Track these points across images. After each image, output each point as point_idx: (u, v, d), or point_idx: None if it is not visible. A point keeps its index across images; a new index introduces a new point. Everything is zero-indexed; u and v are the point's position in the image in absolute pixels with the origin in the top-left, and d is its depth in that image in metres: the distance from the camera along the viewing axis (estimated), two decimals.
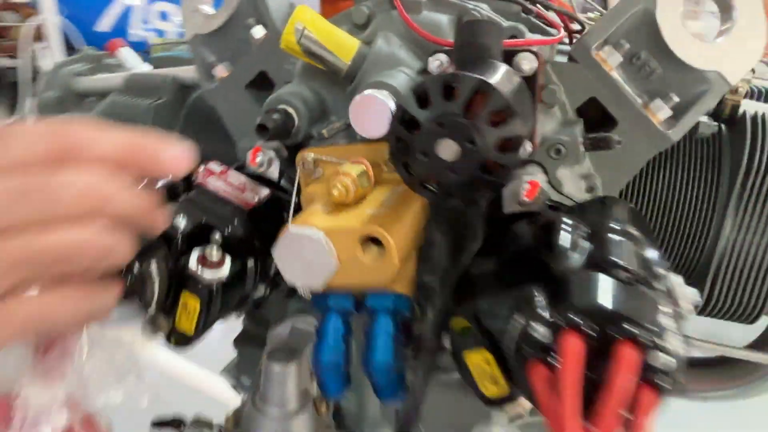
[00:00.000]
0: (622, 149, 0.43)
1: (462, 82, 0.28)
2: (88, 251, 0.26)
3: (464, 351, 0.32)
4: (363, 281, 0.33)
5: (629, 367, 0.26)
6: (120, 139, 0.28)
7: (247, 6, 0.51)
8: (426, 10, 0.43)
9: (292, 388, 0.44)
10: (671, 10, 0.42)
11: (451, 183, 0.30)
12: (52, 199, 0.25)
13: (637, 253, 0.31)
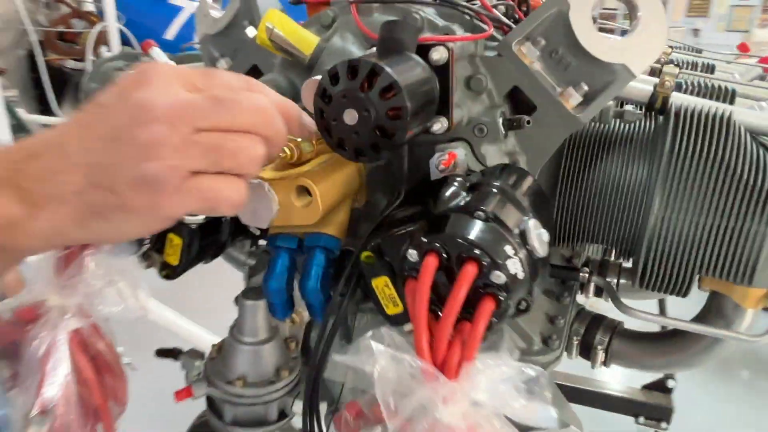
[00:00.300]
0: (541, 129, 0.51)
1: (360, 65, 0.38)
2: (248, 155, 0.36)
3: (371, 278, 0.41)
4: (297, 222, 0.43)
5: (469, 279, 0.34)
6: (283, 98, 0.39)
7: (243, 11, 0.61)
8: (377, 12, 0.53)
9: (261, 321, 0.54)
10: (582, 11, 0.49)
11: (357, 144, 0.39)
12: (239, 109, 0.35)
13: (503, 202, 0.39)
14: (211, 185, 0.35)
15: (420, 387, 0.33)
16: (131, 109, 0.34)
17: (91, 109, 0.36)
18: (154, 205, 0.34)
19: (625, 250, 0.62)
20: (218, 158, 0.35)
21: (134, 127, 0.34)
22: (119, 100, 0.35)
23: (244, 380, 0.53)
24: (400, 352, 0.33)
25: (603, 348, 0.71)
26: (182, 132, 0.34)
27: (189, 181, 0.34)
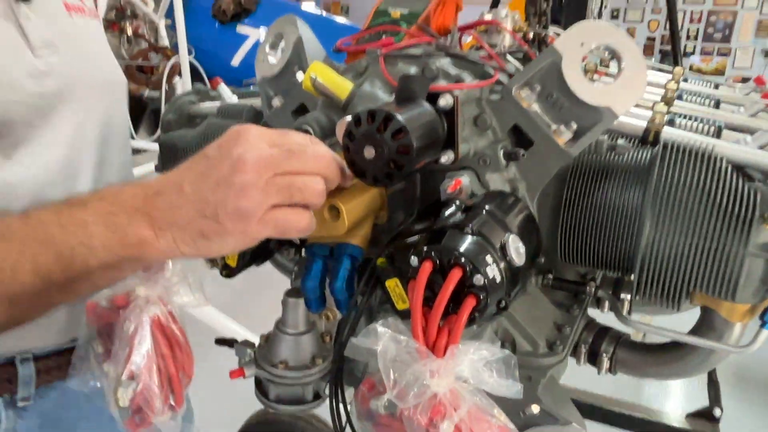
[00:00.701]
0: (537, 160, 0.60)
1: (377, 112, 0.49)
2: (312, 190, 0.48)
3: (384, 279, 0.52)
4: (328, 234, 0.54)
5: (454, 280, 0.44)
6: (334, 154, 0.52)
7: (294, 59, 0.74)
8: (401, 63, 0.64)
9: (301, 316, 0.65)
10: (572, 62, 0.59)
11: (374, 173, 0.50)
12: (305, 157, 0.48)
13: (489, 222, 0.49)
14: (285, 216, 0.48)
15: (414, 362, 0.43)
16: (231, 161, 0.46)
17: (200, 159, 0.49)
18: (244, 230, 0.48)
19: (622, 268, 0.69)
20: (290, 194, 0.47)
21: (233, 174, 0.46)
22: (220, 153, 0.48)
23: (286, 364, 0.65)
24: (399, 335, 0.43)
25: (608, 356, 0.78)
26: (265, 177, 0.46)
27: (270, 213, 0.47)
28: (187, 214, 0.48)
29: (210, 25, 4.33)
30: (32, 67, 0.64)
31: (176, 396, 0.57)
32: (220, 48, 4.31)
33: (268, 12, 4.49)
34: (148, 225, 0.49)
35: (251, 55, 4.37)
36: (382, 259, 0.51)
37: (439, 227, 0.48)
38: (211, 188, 0.47)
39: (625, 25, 6.93)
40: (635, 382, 1.97)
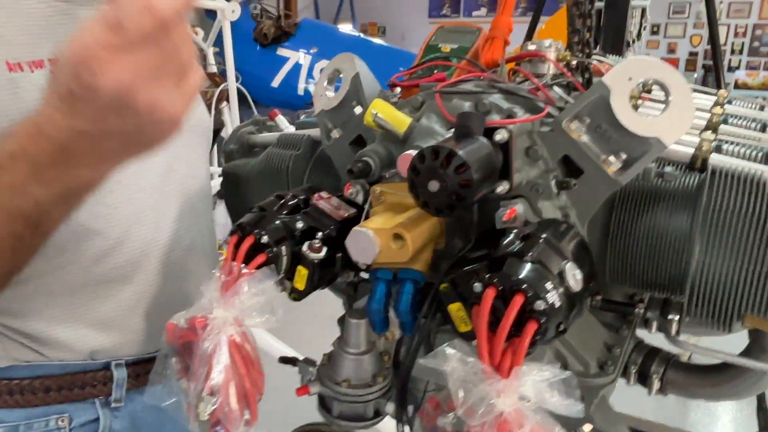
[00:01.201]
0: (587, 189, 0.63)
1: (441, 150, 0.53)
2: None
3: (447, 304, 0.55)
4: (393, 260, 0.58)
5: (517, 306, 0.48)
6: None
7: (352, 93, 0.79)
8: (456, 99, 0.68)
9: (362, 336, 0.69)
10: (620, 95, 0.62)
11: (437, 205, 0.54)
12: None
13: (546, 249, 0.52)
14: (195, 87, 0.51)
15: (481, 382, 0.47)
16: (113, 94, 0.45)
17: (74, 102, 0.47)
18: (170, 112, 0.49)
19: (672, 290, 0.71)
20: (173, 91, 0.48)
21: (130, 103, 0.46)
22: (91, 92, 0.45)
23: (349, 382, 0.68)
24: (466, 356, 0.47)
25: (659, 377, 0.79)
26: (153, 85, 0.46)
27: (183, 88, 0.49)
28: (113, 144, 0.50)
29: (251, 48, 4.54)
30: None
31: (251, 411, 0.62)
32: (261, 70, 4.50)
33: (307, 34, 4.67)
34: (80, 167, 0.51)
35: (291, 76, 4.55)
36: (445, 285, 0.55)
37: (499, 255, 0.52)
38: (116, 119, 0.47)
39: (666, 41, 6.84)
40: (681, 407, 1.94)
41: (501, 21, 0.79)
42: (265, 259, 0.63)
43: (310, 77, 4.60)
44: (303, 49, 4.67)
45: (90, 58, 0.44)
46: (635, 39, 1.16)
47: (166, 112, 0.48)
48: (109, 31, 0.44)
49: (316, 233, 0.66)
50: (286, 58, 4.67)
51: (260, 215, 0.66)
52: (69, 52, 0.45)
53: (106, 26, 0.44)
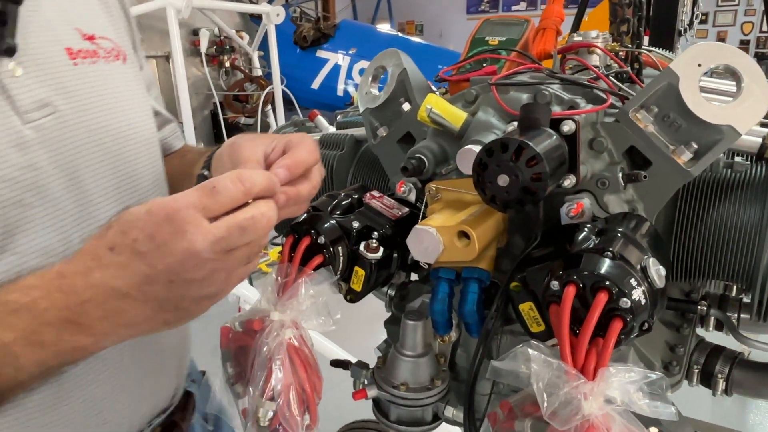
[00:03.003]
0: (656, 181, 0.61)
1: (511, 142, 0.50)
2: (263, 244, 0.49)
3: (518, 303, 0.53)
4: (457, 259, 0.56)
5: (602, 304, 0.45)
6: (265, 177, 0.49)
7: (399, 90, 0.77)
8: (512, 91, 0.65)
9: (419, 338, 0.67)
10: (690, 82, 0.59)
11: (506, 200, 0.52)
12: (259, 229, 0.47)
13: (626, 244, 0.49)
14: (246, 272, 0.49)
15: (565, 385, 0.44)
16: (178, 257, 0.43)
17: (131, 257, 0.44)
18: (212, 303, 0.48)
19: (741, 283, 0.68)
20: (249, 258, 0.49)
21: (188, 271, 0.44)
22: (159, 249, 0.43)
23: (407, 386, 0.66)
24: (549, 358, 0.45)
25: (723, 377, 0.76)
26: (224, 261, 0.45)
27: (233, 277, 0.48)
28: (139, 316, 0.46)
29: (291, 51, 4.61)
30: (17, 136, 0.53)
31: (311, 415, 0.60)
32: (301, 72, 4.58)
33: (346, 36, 4.73)
34: (83, 334, 0.46)
35: (330, 77, 4.62)
36: (515, 283, 0.53)
37: (576, 251, 0.49)
38: (164, 288, 0.45)
39: (716, 30, 6.66)
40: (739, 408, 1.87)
41: (552, 11, 0.77)
42: (322, 260, 0.62)
43: (349, 78, 4.64)
44: (342, 50, 4.74)
45: (179, 215, 0.44)
46: (686, 28, 1.13)
47: (217, 289, 0.47)
48: (204, 193, 0.45)
49: (372, 233, 0.64)
50: (325, 59, 4.73)
51: (314, 216, 0.64)
52: (154, 207, 0.44)
53: (201, 189, 0.45)
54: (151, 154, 0.71)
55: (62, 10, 0.63)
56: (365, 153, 0.90)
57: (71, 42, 0.62)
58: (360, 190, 0.72)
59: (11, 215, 0.53)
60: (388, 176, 0.80)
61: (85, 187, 0.60)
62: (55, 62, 0.59)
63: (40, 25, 0.58)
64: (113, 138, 0.64)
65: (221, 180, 0.46)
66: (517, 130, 0.57)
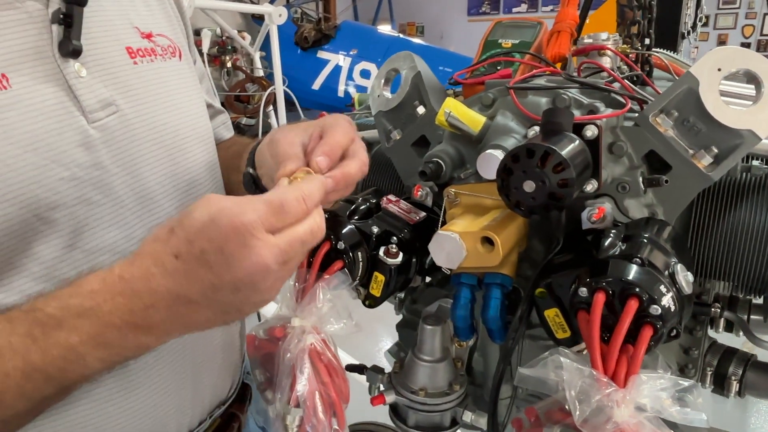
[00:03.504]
0: (676, 185, 0.61)
1: (537, 148, 0.50)
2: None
3: (544, 310, 0.53)
4: (480, 265, 0.56)
5: (632, 311, 0.45)
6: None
7: (413, 93, 0.77)
8: (531, 95, 0.65)
9: (438, 343, 0.67)
10: (710, 86, 0.59)
11: (532, 205, 0.52)
12: (315, 240, 0.49)
13: (653, 250, 0.49)
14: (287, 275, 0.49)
15: (597, 392, 0.44)
16: (248, 271, 0.44)
17: (198, 267, 0.45)
18: (263, 305, 0.49)
19: (756, 288, 0.68)
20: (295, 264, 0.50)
21: (254, 282, 0.45)
22: (227, 262, 0.44)
23: (426, 391, 0.66)
24: (581, 366, 0.45)
25: (737, 379, 0.76)
26: (283, 268, 0.46)
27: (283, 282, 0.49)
28: (202, 318, 0.48)
29: (292, 52, 4.60)
30: (83, 135, 0.56)
31: (339, 419, 0.60)
32: (301, 73, 4.58)
33: (347, 37, 4.74)
34: (147, 334, 0.47)
35: (331, 78, 4.62)
36: (541, 290, 0.53)
37: (603, 257, 0.49)
38: (229, 295, 0.46)
39: (716, 32, 6.65)
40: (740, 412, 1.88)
41: (566, 13, 0.77)
42: (342, 265, 0.61)
43: (350, 79, 4.64)
44: (343, 51, 4.74)
45: (247, 229, 0.44)
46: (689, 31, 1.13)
47: (274, 293, 0.48)
48: (271, 212, 0.46)
49: (391, 238, 0.64)
50: (326, 60, 4.74)
51: (333, 220, 0.63)
52: (220, 217, 0.44)
53: (269, 206, 0.46)
54: (207, 149, 0.73)
55: (122, 9, 0.65)
56: (376, 156, 0.89)
57: (131, 41, 0.64)
58: (376, 194, 0.71)
59: (79, 213, 0.55)
60: (400, 179, 0.80)
61: (146, 184, 0.62)
62: (116, 62, 0.61)
63: (101, 26, 0.61)
64: (172, 135, 0.66)
65: (288, 200, 0.47)
66: (539, 134, 0.57)
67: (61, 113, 0.55)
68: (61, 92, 0.55)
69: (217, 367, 0.76)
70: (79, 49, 0.56)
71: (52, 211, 0.54)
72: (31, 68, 0.54)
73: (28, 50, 0.54)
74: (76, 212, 0.56)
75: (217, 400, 0.77)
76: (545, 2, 7.79)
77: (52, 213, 0.54)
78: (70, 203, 0.55)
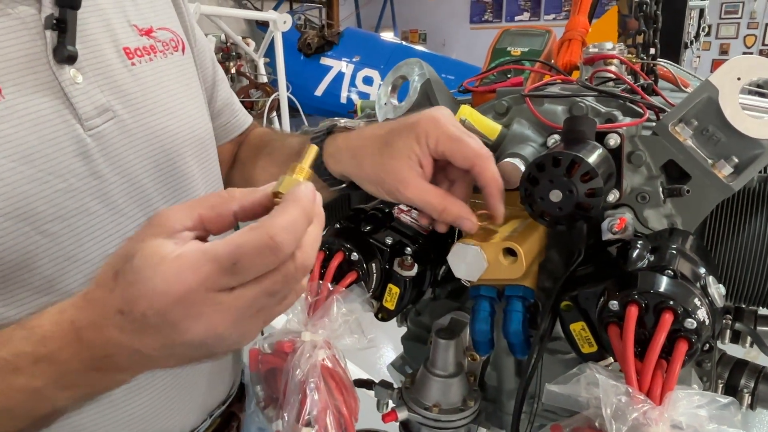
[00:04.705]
0: (696, 196, 0.60)
1: (564, 157, 0.49)
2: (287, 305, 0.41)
3: (569, 323, 0.51)
4: (502, 277, 0.54)
5: (667, 325, 0.44)
6: None
7: (422, 100, 0.75)
8: (547, 103, 0.64)
9: (451, 357, 0.65)
10: (730, 95, 0.58)
11: (559, 216, 0.50)
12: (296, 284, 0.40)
13: (684, 262, 0.48)
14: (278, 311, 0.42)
15: (632, 410, 0.43)
16: (200, 337, 0.38)
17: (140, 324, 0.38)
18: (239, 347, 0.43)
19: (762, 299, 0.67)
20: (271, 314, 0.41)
21: (217, 344, 0.39)
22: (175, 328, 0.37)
23: (439, 407, 0.64)
24: (617, 382, 0.43)
25: (749, 392, 0.75)
26: (253, 320, 0.39)
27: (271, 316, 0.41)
28: (170, 364, 0.42)
29: (296, 58, 4.62)
30: (80, 144, 0.54)
31: None
32: (304, 79, 4.60)
33: (350, 43, 4.77)
34: (117, 373, 0.42)
35: (334, 85, 4.65)
36: (566, 303, 0.51)
37: (632, 270, 0.48)
38: (190, 351, 0.40)
39: (718, 42, 6.69)
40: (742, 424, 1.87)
41: (577, 22, 0.76)
42: (356, 277, 0.59)
43: (353, 86, 4.65)
44: (345, 57, 4.78)
45: (189, 296, 0.36)
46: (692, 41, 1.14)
47: (253, 335, 0.41)
48: (220, 273, 0.36)
49: (405, 249, 0.62)
50: (329, 67, 4.78)
51: (346, 231, 0.61)
52: (156, 282, 0.36)
53: (217, 267, 0.36)
54: (206, 152, 0.71)
55: (119, 7, 0.62)
56: None
57: (128, 41, 0.62)
58: (387, 203, 0.69)
59: (78, 224, 0.54)
60: None
61: (145, 191, 0.60)
62: (113, 65, 0.59)
63: (97, 27, 0.59)
64: (170, 140, 0.64)
65: (246, 254, 0.36)
66: (561, 143, 0.55)
67: (57, 122, 0.53)
68: (56, 100, 0.53)
69: (218, 369, 0.76)
70: (75, 54, 0.54)
71: (50, 224, 0.52)
72: (25, 77, 0.52)
73: (21, 58, 0.52)
74: (76, 223, 0.54)
75: (218, 400, 0.77)
76: (547, 10, 7.89)
77: (51, 225, 0.52)
78: (68, 215, 0.53)
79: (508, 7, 8.19)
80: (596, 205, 0.49)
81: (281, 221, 0.36)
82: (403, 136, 0.55)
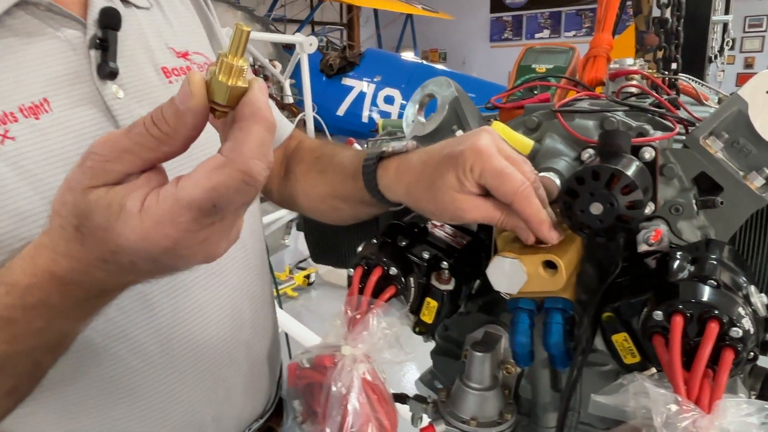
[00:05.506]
0: (729, 207, 0.60)
1: (604, 170, 0.50)
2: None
3: (611, 334, 0.52)
4: (542, 290, 0.55)
5: (713, 334, 0.44)
6: None
7: (450, 118, 0.76)
8: (578, 118, 0.65)
9: (487, 371, 0.65)
10: (759, 109, 0.59)
11: (599, 228, 0.51)
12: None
13: (725, 272, 0.49)
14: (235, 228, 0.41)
15: (682, 418, 0.43)
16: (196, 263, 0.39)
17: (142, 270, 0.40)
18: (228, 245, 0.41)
19: None
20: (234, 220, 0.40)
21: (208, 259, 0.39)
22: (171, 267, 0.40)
23: (477, 420, 0.64)
24: (667, 392, 0.43)
25: None
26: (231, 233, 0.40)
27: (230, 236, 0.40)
28: (138, 279, 0.43)
29: (318, 79, 4.72)
30: None
31: None
32: (326, 99, 4.69)
33: (371, 63, 4.86)
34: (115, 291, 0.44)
35: (355, 104, 4.73)
36: (608, 314, 0.52)
37: (675, 280, 0.49)
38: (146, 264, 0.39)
39: (743, 56, 6.64)
40: None
41: (602, 38, 0.78)
42: (395, 291, 0.60)
43: (374, 105, 4.73)
44: (367, 78, 4.87)
45: (177, 249, 0.37)
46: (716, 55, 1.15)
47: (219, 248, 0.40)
48: (201, 218, 0.36)
49: (441, 263, 0.63)
50: (350, 87, 4.87)
51: (384, 246, 0.62)
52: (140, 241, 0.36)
53: (197, 213, 0.36)
54: None
55: (157, 31, 0.66)
56: None
57: (166, 61, 0.66)
58: (420, 218, 0.70)
59: None
60: None
61: None
62: (151, 82, 0.63)
63: (137, 48, 0.63)
64: (199, 149, 0.64)
65: (223, 195, 0.36)
66: (596, 157, 0.56)
67: (99, 134, 0.52)
68: (100, 113, 0.58)
69: (254, 382, 0.78)
70: (116, 70, 0.58)
71: None
72: (71, 92, 0.57)
73: (68, 75, 0.57)
74: None
75: (255, 414, 0.79)
76: (567, 28, 7.94)
77: None
78: None
79: (528, 25, 8.24)
80: (637, 217, 0.50)
81: (250, 150, 0.35)
82: (450, 172, 0.56)
